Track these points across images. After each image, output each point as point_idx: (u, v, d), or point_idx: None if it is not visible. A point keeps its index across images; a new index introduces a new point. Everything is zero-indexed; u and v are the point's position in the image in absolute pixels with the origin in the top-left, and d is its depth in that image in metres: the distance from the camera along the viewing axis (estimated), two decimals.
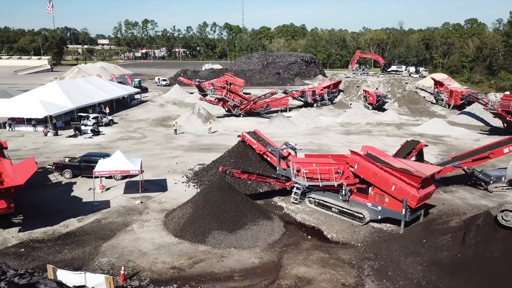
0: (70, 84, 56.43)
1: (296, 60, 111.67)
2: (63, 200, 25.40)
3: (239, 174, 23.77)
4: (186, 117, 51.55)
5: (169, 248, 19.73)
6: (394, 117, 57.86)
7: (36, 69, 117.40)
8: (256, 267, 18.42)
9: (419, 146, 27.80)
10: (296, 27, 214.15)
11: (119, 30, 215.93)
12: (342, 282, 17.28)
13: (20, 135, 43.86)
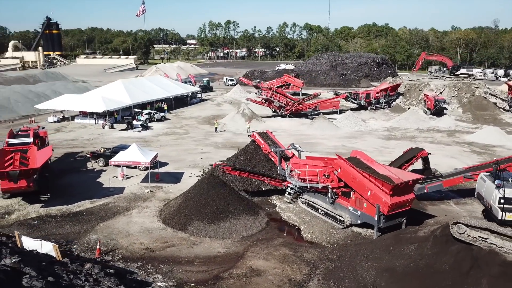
0: (134, 82, 62.22)
1: (366, 61, 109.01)
2: (88, 184, 29.22)
3: (229, 170, 25.46)
4: (231, 116, 54.17)
5: (153, 232, 22.16)
6: (450, 124, 54.75)
7: (123, 67, 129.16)
8: (218, 256, 20.06)
9: (420, 154, 27.01)
10: (379, 26, 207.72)
11: (203, 31, 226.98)
12: (290, 278, 18.22)
13: (83, 126, 49.93)
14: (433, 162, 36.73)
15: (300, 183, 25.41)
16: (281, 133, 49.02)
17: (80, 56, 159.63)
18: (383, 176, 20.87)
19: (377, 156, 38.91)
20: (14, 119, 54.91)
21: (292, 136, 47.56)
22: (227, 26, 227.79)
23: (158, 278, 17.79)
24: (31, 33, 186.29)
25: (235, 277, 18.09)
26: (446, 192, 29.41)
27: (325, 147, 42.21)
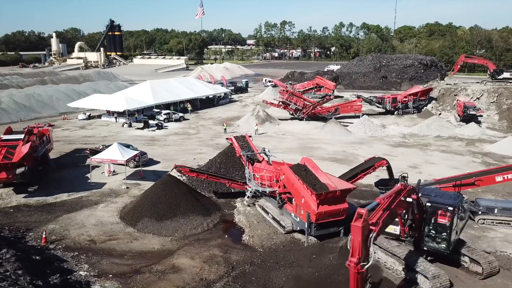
0: (162, 83, 65.45)
1: (413, 63, 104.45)
2: (76, 178, 31.97)
3: (187, 172, 26.70)
4: (246, 118, 55.27)
5: (105, 226, 24.05)
6: (475, 132, 51.54)
7: (173, 67, 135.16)
8: (151, 252, 21.42)
9: (379, 164, 26.25)
10: (442, 25, 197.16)
11: (259, 31, 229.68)
12: (202, 277, 19.10)
13: (107, 124, 53.77)
14: (428, 173, 35.56)
15: (258, 187, 25.99)
16: (288, 136, 49.49)
17: (137, 57, 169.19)
18: (313, 184, 20.97)
19: None
20: (53, 114, 60.55)
21: (298, 139, 47.82)
22: (283, 27, 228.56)
23: (83, 268, 19.52)
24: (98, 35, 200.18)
25: (153, 272, 19.30)
26: None
27: (322, 152, 42.00)
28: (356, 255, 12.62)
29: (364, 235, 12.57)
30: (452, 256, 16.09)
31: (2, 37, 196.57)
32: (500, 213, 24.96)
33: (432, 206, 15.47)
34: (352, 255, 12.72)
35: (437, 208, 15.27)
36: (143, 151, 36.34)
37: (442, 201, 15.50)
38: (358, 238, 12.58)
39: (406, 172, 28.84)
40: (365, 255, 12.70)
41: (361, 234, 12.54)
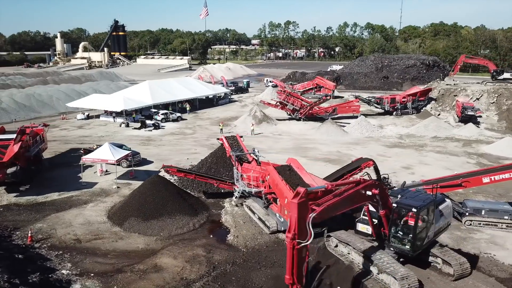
0: (160, 83, 65.73)
1: (415, 63, 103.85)
2: (68, 178, 32.23)
3: (174, 172, 26.86)
4: (243, 118, 55.37)
5: (92, 225, 24.27)
6: (472, 133, 51.24)
7: (176, 67, 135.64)
8: (134, 251, 21.59)
9: (365, 165, 26.23)
10: (446, 25, 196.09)
11: (263, 31, 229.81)
12: (183, 276, 19.23)
13: (105, 124, 54.14)
14: (421, 173, 35.42)
15: (245, 187, 26.08)
16: (284, 137, 49.54)
17: (140, 57, 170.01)
18: (296, 185, 21.01)
19: None
20: (52, 114, 61.06)
21: (294, 140, 47.86)
22: (287, 27, 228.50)
23: (66, 266, 19.73)
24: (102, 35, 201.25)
25: (135, 271, 19.47)
26: None
27: (317, 153, 42.00)
28: (292, 230, 13.20)
29: (300, 212, 13.08)
30: (425, 257, 16.09)
31: (9, 37, 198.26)
32: (487, 214, 24.87)
33: (398, 207, 15.50)
34: (289, 230, 13.37)
35: (402, 209, 15.30)
36: (135, 151, 36.59)
37: (408, 203, 15.50)
38: (294, 215, 13.15)
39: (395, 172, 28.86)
40: (303, 233, 13.15)
41: (296, 210, 13.09)
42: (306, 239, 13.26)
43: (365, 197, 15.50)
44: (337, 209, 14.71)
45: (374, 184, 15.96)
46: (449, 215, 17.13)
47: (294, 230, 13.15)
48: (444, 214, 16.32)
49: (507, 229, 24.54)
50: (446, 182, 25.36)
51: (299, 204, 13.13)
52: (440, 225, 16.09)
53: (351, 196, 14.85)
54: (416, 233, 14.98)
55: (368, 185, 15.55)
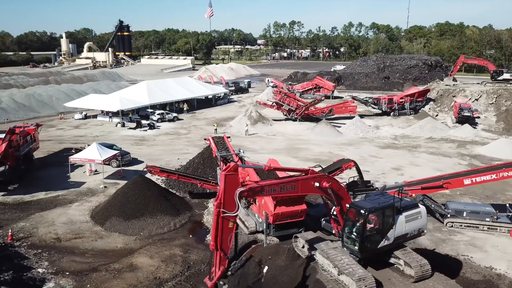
0: (158, 84, 66.09)
1: (418, 63, 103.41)
2: (57, 177, 32.59)
3: (157, 172, 27.09)
4: (239, 118, 55.53)
5: (75, 224, 24.58)
6: (468, 134, 50.90)
7: (180, 68, 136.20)
8: (112, 250, 21.84)
9: (346, 166, 26.23)
10: (452, 25, 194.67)
11: (268, 31, 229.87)
12: (157, 276, 19.44)
13: (101, 124, 54.62)
14: (410, 174, 35.30)
15: None
16: (278, 137, 49.63)
17: (144, 57, 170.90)
18: None
19: None
20: (51, 114, 61.73)
21: (287, 140, 47.93)
22: (291, 27, 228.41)
23: (43, 265, 20.02)
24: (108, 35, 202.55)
25: (110, 270, 19.71)
26: None
27: (308, 153, 42.05)
28: (218, 199, 14.32)
29: (228, 184, 14.17)
30: (388, 259, 16.11)
31: (15, 37, 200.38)
32: (468, 216, 24.79)
33: (350, 207, 15.61)
34: (216, 199, 14.51)
35: (353, 210, 15.42)
36: (125, 151, 36.91)
37: (360, 204, 15.59)
38: (221, 186, 14.31)
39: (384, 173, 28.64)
40: (229, 205, 14.14)
41: (223, 181, 14.22)
42: (232, 211, 14.18)
43: (313, 188, 15.96)
44: (276, 192, 15.56)
45: (324, 177, 16.37)
46: (422, 222, 16.86)
47: (220, 199, 14.23)
48: (412, 220, 16.22)
49: (488, 231, 24.46)
50: (427, 184, 25.34)
51: (227, 176, 14.21)
52: (405, 231, 15.98)
53: (295, 183, 15.50)
54: (364, 235, 15.05)
55: (317, 177, 16.09)
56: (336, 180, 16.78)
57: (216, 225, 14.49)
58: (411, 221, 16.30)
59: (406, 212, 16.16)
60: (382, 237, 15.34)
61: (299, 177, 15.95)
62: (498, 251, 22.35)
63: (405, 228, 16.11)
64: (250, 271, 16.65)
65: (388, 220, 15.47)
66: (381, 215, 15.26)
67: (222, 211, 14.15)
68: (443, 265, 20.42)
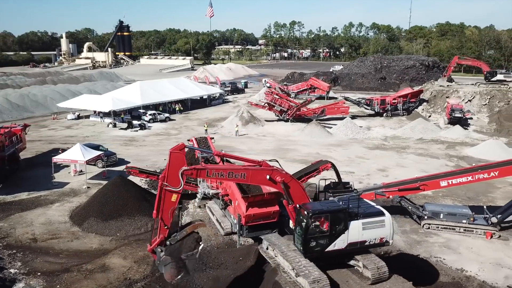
0: (152, 84, 66.28)
1: (415, 64, 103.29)
2: (42, 178, 32.78)
3: (136, 173, 27.20)
4: (230, 119, 55.65)
5: (53, 225, 24.77)
6: (459, 135, 50.83)
7: (178, 68, 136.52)
8: (87, 251, 22.02)
9: (323, 167, 26.30)
10: (452, 25, 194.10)
11: (268, 32, 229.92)
12: (128, 277, 19.61)
13: (93, 124, 54.90)
14: (395, 176, 35.28)
15: (206, 189, 26.34)
16: (268, 138, 49.76)
17: (144, 57, 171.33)
18: (246, 187, 21.29)
19: (342, 166, 38.16)
20: (45, 114, 62.07)
21: (277, 141, 48.02)
22: (292, 27, 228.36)
23: (15, 266, 20.21)
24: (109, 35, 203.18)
25: (82, 271, 19.88)
26: None
27: (295, 154, 42.14)
28: (164, 173, 15.93)
29: (173, 162, 15.72)
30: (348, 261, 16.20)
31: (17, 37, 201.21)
32: (445, 218, 24.86)
33: (299, 208, 15.80)
34: (163, 173, 16.04)
35: (300, 210, 15.60)
36: (111, 152, 37.10)
37: (306, 205, 15.78)
38: (168, 162, 15.78)
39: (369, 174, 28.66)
40: (173, 181, 15.74)
41: (169, 157, 15.74)
42: (176, 187, 15.88)
43: (264, 180, 16.84)
44: (224, 177, 17.18)
45: (277, 170, 16.99)
46: (385, 231, 16.35)
47: (165, 173, 15.81)
48: (372, 227, 15.89)
49: (465, 233, 24.52)
50: (405, 186, 25.40)
51: (172, 153, 15.82)
52: (363, 238, 15.66)
53: (245, 172, 16.53)
54: (307, 236, 15.22)
55: (269, 169, 16.84)
56: (290, 176, 17.12)
57: (159, 196, 15.83)
58: (370, 228, 16.14)
59: (365, 219, 16.07)
60: (330, 241, 15.42)
61: (251, 166, 16.71)
62: (472, 253, 22.41)
63: (361, 235, 15.97)
64: (187, 245, 17.69)
65: (337, 225, 15.51)
66: (328, 219, 15.35)
67: (164, 184, 15.65)
68: (414, 267, 20.55)
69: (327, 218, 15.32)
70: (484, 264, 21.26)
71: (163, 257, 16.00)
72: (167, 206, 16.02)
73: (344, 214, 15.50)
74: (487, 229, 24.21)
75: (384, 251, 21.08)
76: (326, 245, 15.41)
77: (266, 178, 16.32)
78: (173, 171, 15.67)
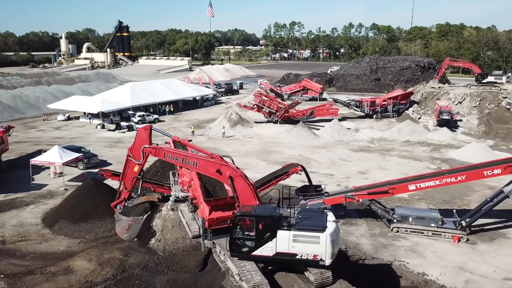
0: (143, 85, 66.59)
1: (410, 65, 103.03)
2: (22, 179, 33.03)
3: (109, 176, 27.45)
4: (219, 120, 55.85)
5: (24, 227, 25.04)
6: (446, 137, 50.80)
7: (176, 68, 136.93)
8: (53, 253, 22.26)
9: (292, 170, 26.42)
10: (453, 26, 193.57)
11: (268, 32, 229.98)
12: (89, 280, 19.78)
13: (82, 126, 55.25)
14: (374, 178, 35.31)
15: (178, 192, 26.50)
16: (254, 140, 49.96)
17: (142, 57, 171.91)
18: (212, 190, 21.49)
19: (323, 169, 38.37)
20: (37, 115, 62.49)
21: (262, 143, 48.17)
22: (292, 27, 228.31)
23: None
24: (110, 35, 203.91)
25: (45, 273, 20.07)
26: (349, 212, 28.46)
27: (278, 156, 42.27)
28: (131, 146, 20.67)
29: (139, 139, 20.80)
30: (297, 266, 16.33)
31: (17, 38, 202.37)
32: (414, 221, 24.94)
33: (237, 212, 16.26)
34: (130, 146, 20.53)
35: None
36: (93, 154, 37.38)
37: (241, 208, 16.23)
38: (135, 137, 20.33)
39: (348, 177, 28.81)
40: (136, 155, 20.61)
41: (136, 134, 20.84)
42: (138, 160, 20.74)
43: (213, 172, 18.96)
44: (178, 162, 20.24)
45: (226, 165, 18.42)
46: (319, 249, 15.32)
47: (131, 147, 20.77)
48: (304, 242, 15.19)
49: (433, 236, 24.59)
50: (374, 189, 25.46)
51: (138, 131, 20.95)
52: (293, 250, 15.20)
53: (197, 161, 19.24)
54: (232, 237, 16.08)
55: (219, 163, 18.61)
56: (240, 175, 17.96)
57: (125, 165, 20.71)
58: (302, 242, 15.48)
59: (298, 232, 15.51)
60: (256, 246, 15.61)
61: (203, 156, 18.83)
62: (437, 257, 22.49)
63: (291, 247, 15.48)
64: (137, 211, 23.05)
65: (264, 231, 15.65)
66: (254, 223, 15.65)
67: (130, 155, 20.77)
68: (375, 271, 20.67)
69: (253, 222, 15.59)
70: (447, 268, 21.34)
71: (118, 214, 20.86)
72: (129, 174, 20.87)
73: (271, 222, 15.50)
74: (455, 233, 24.27)
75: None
76: (252, 249, 15.62)
77: (215, 170, 18.02)
78: (137, 146, 20.32)
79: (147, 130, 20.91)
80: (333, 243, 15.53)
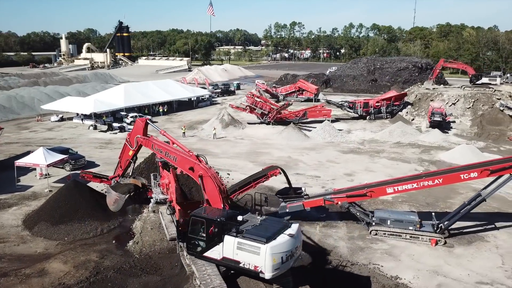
0: (137, 86, 66.81)
1: (408, 66, 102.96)
2: (8, 180, 33.15)
3: (90, 178, 27.61)
4: (211, 122, 55.97)
5: (4, 228, 25.24)
6: (437, 139, 50.68)
7: (175, 69, 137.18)
8: (30, 255, 22.39)
9: (271, 173, 26.47)
10: (453, 26, 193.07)
11: (269, 32, 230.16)
12: (63, 282, 19.93)
13: (75, 126, 55.48)
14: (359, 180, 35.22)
15: (160, 195, 26.63)
16: (245, 141, 50.03)
17: (142, 58, 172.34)
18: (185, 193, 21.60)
19: (310, 170, 38.42)
20: (31, 116, 62.80)
21: (252, 144, 48.21)
22: (292, 28, 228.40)
23: None
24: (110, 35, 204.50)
25: (19, 275, 20.25)
26: (330, 213, 28.49)
27: (267, 158, 42.30)
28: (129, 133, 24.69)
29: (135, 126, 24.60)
30: None
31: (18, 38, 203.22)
32: (392, 224, 24.97)
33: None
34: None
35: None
36: (80, 155, 37.56)
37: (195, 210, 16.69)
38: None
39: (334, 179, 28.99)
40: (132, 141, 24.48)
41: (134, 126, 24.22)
42: (132, 146, 24.23)
43: (187, 170, 19.95)
44: (162, 154, 22.53)
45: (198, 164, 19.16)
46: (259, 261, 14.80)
47: (129, 134, 24.62)
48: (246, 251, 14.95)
49: (411, 239, 24.61)
50: (353, 192, 25.52)
51: (136, 121, 24.89)
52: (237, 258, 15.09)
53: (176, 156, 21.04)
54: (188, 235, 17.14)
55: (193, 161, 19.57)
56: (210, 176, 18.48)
57: (123, 147, 24.82)
58: (245, 251, 15.28)
59: (242, 240, 15.38)
60: (207, 248, 15.96)
61: (182, 153, 20.53)
62: (412, 261, 22.50)
63: (236, 255, 15.40)
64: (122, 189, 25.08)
65: (212, 234, 16.09)
66: (205, 226, 16.01)
67: (127, 139, 24.39)
68: (347, 275, 20.73)
69: (203, 224, 15.98)
70: (421, 271, 21.36)
71: (108, 187, 24.79)
72: (124, 156, 24.93)
73: (219, 226, 15.69)
74: (432, 236, 24.29)
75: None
76: (204, 249, 15.96)
77: (188, 167, 19.04)
78: (133, 134, 24.16)
79: (143, 121, 24.13)
80: (274, 256, 14.85)
